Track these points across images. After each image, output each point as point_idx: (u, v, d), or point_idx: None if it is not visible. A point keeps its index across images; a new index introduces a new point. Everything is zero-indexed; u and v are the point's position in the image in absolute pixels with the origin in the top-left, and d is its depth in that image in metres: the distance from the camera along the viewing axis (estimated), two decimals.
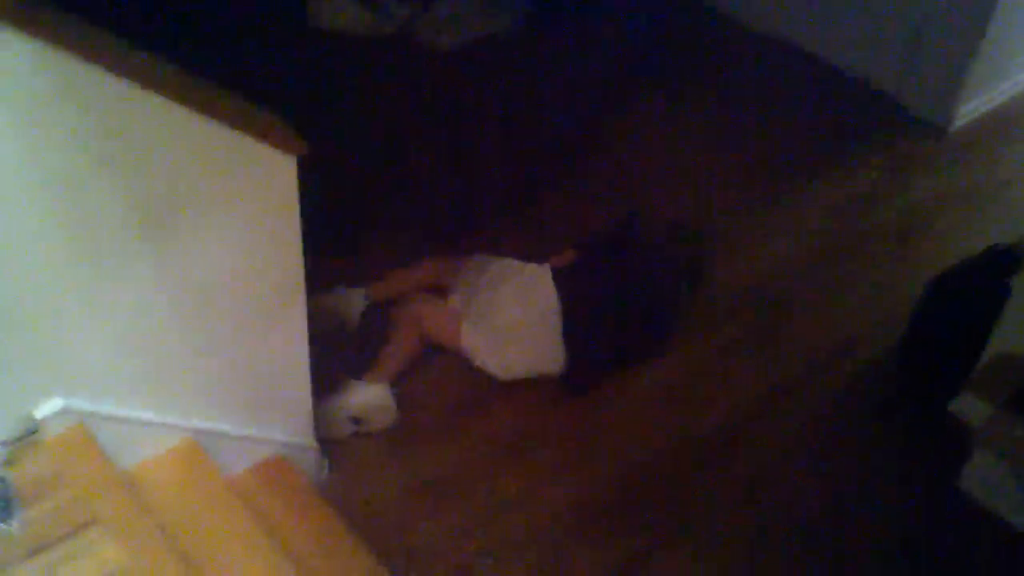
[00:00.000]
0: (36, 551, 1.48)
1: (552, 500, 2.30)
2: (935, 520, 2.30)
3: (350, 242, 2.86)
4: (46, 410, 1.60)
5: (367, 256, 2.84)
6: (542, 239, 2.89)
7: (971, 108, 3.44)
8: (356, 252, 2.85)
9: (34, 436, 1.61)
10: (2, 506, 1.51)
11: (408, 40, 3.76)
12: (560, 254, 2.60)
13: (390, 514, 2.25)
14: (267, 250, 1.75)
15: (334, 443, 2.34)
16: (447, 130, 3.38)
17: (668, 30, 3.91)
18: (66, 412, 1.62)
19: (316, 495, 2.11)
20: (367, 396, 2.36)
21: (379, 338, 2.52)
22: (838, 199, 3.19)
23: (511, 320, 2.46)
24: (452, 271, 2.62)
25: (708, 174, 3.26)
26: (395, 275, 2.66)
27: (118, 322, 1.62)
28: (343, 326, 2.56)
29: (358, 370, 2.44)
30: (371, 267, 2.73)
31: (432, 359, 2.56)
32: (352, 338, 2.56)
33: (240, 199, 1.63)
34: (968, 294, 2.46)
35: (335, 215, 2.78)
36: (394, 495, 2.29)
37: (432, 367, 2.56)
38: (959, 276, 2.54)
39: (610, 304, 2.51)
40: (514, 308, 2.46)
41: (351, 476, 2.32)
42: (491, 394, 2.51)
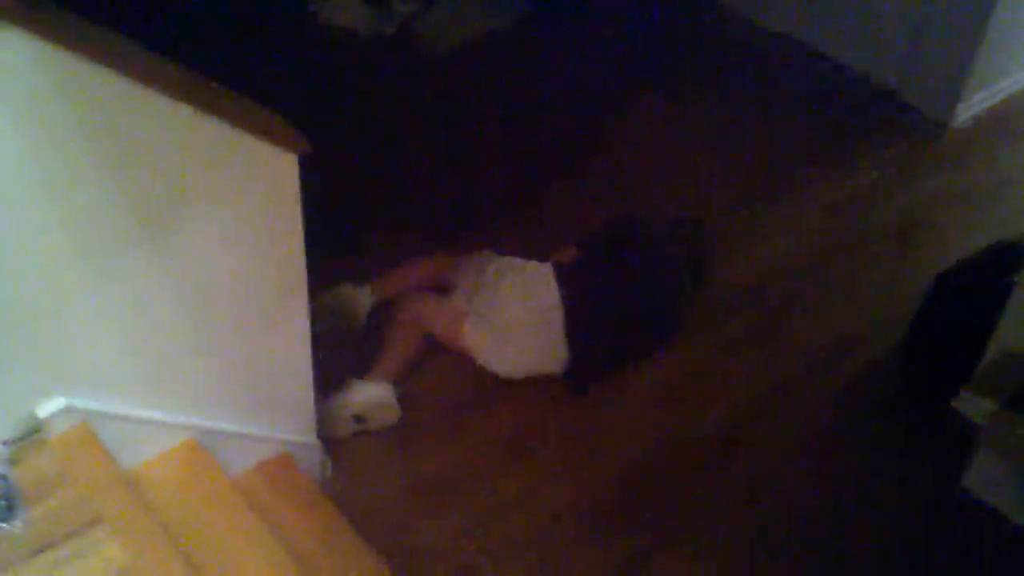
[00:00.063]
0: (39, 550, 1.47)
1: (553, 500, 2.30)
2: (937, 519, 2.29)
3: (350, 241, 2.86)
4: (49, 409, 1.60)
5: (367, 255, 2.83)
6: (542, 238, 2.89)
7: (973, 105, 3.43)
8: (356, 251, 2.84)
9: (37, 435, 1.61)
10: (5, 505, 1.50)
11: (409, 39, 3.76)
12: (562, 250, 2.60)
13: (392, 513, 2.25)
14: (269, 248, 1.75)
15: (336, 442, 2.34)
16: (447, 129, 3.38)
17: (668, 27, 3.91)
18: (69, 411, 1.62)
19: (318, 494, 2.11)
20: (370, 395, 2.36)
21: (381, 337, 2.52)
22: (839, 197, 3.18)
23: (513, 318, 2.46)
24: (454, 269, 2.62)
25: (708, 172, 3.26)
26: (396, 273, 2.67)
27: (121, 320, 1.62)
28: (350, 324, 2.56)
29: (360, 369, 2.44)
30: (371, 266, 2.73)
31: (434, 357, 2.56)
32: (360, 336, 2.56)
33: (242, 197, 1.63)
34: (971, 291, 2.46)
35: (335, 214, 2.78)
36: (396, 494, 2.29)
37: (434, 366, 2.56)
38: (962, 273, 2.53)
39: (613, 302, 2.50)
40: (516, 306, 2.46)
41: (353, 475, 2.32)
42: (493, 393, 2.51)
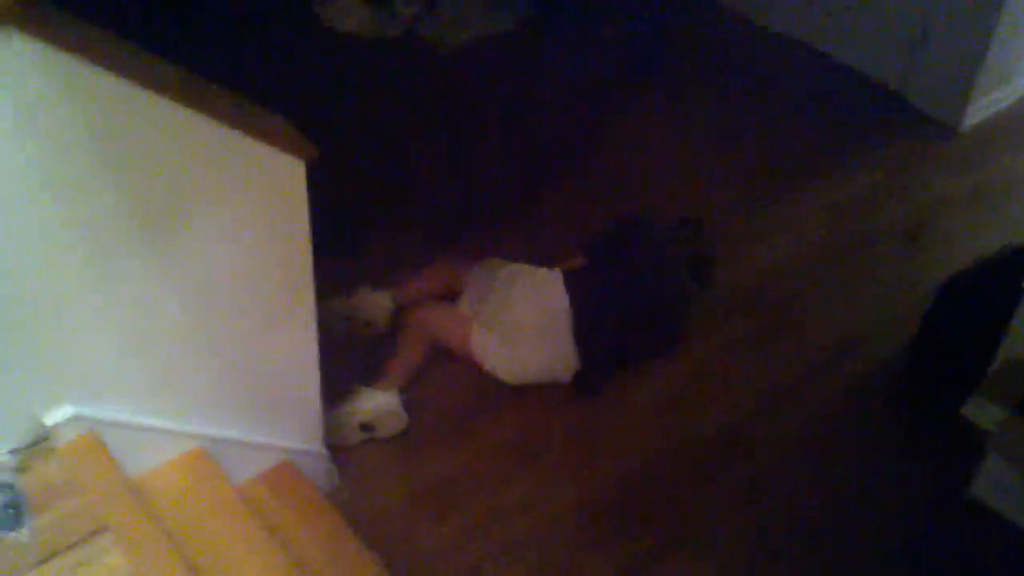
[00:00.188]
0: (45, 558, 1.47)
1: (555, 502, 2.30)
2: (938, 523, 2.28)
3: (352, 242, 2.86)
4: (56, 417, 1.60)
5: (369, 256, 2.84)
6: (544, 239, 2.90)
7: (981, 106, 3.41)
8: (358, 252, 2.84)
9: (44, 443, 1.61)
10: (12, 513, 1.51)
11: (412, 41, 3.76)
12: (569, 260, 2.59)
13: (398, 520, 2.24)
14: (276, 255, 1.75)
15: (343, 450, 2.34)
16: (449, 130, 3.38)
17: (670, 27, 3.89)
18: (76, 419, 1.62)
19: (324, 502, 2.10)
20: (377, 402, 2.35)
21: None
22: (843, 198, 3.16)
23: (522, 324, 2.45)
24: (463, 275, 2.61)
25: (709, 172, 3.24)
26: (412, 281, 2.65)
27: (127, 329, 1.62)
28: (371, 330, 2.55)
29: (367, 376, 2.43)
30: (373, 268, 2.73)
31: (441, 365, 2.55)
32: (380, 341, 2.55)
33: (248, 203, 1.63)
34: (981, 296, 2.44)
35: (337, 215, 2.77)
36: (402, 501, 2.29)
37: (440, 373, 2.55)
38: (972, 277, 2.52)
39: (621, 306, 2.50)
40: (525, 312, 2.45)
41: (360, 483, 2.31)
42: (499, 400, 2.50)
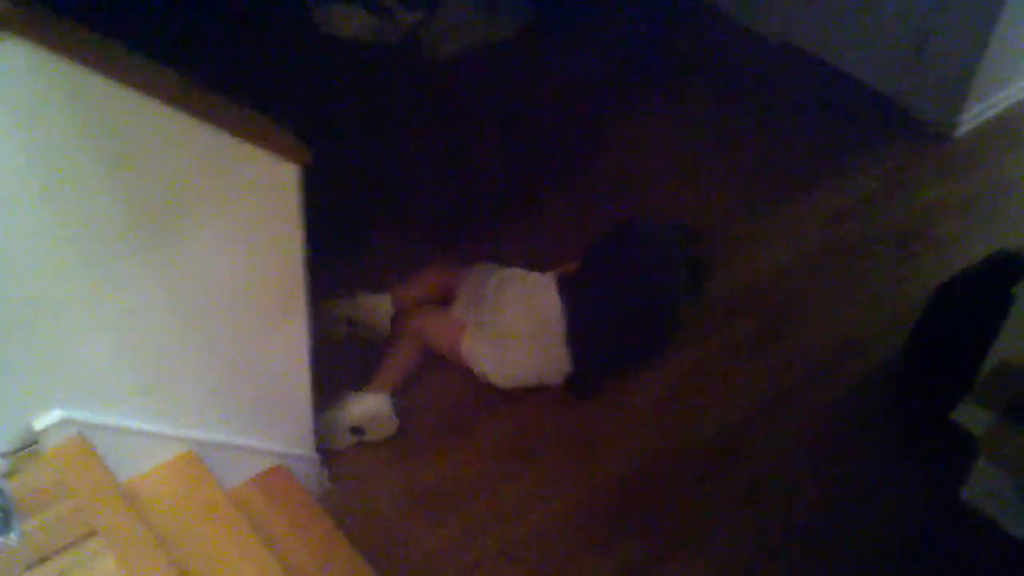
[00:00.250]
0: (35, 563, 1.47)
1: (553, 507, 2.30)
2: (937, 528, 2.29)
3: (350, 246, 2.86)
4: (46, 421, 1.60)
5: (367, 260, 2.83)
6: (544, 241, 2.90)
7: (976, 113, 3.42)
8: (356, 256, 2.84)
9: (33, 447, 1.61)
10: (1, 518, 1.50)
11: (412, 47, 3.76)
12: (565, 266, 2.59)
13: (391, 524, 2.24)
14: (269, 259, 1.75)
15: (335, 454, 2.34)
16: (449, 135, 3.38)
17: (670, 32, 3.90)
18: (66, 423, 1.62)
19: (316, 506, 2.10)
20: (368, 407, 2.36)
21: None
22: (840, 203, 3.17)
23: (514, 328, 2.45)
24: (458, 279, 2.61)
25: (709, 177, 3.25)
26: (408, 284, 2.64)
27: (118, 332, 1.62)
28: (373, 334, 2.54)
29: (358, 380, 2.43)
30: (371, 271, 2.73)
31: (432, 368, 2.55)
32: (378, 343, 2.54)
33: (242, 207, 1.63)
34: (972, 302, 2.45)
35: (336, 219, 2.78)
36: (394, 505, 2.28)
37: (432, 376, 2.55)
38: (963, 284, 2.52)
39: (613, 311, 2.50)
40: (518, 316, 2.45)
41: (351, 487, 2.31)
42: (491, 403, 2.51)
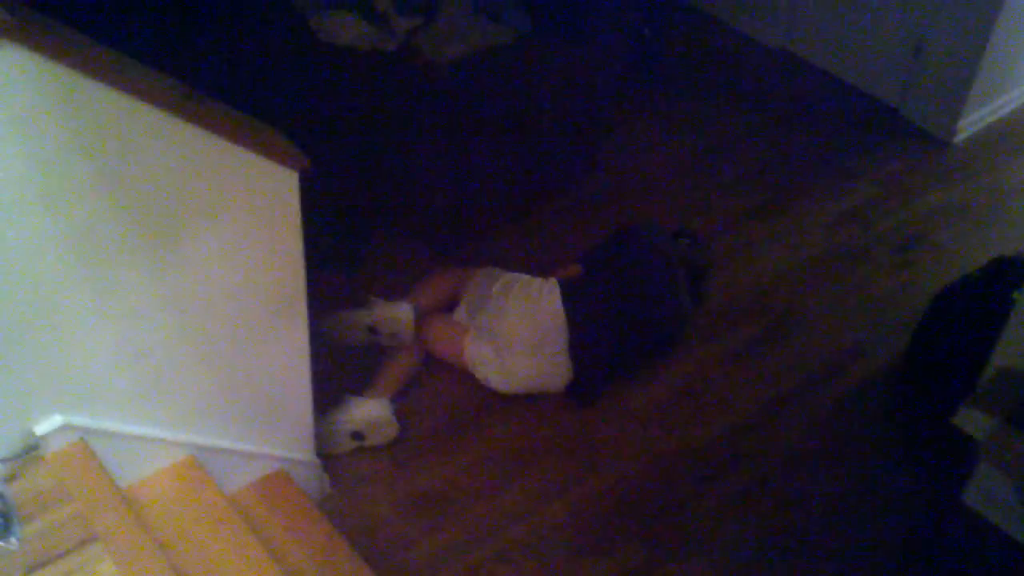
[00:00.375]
0: (35, 568, 1.47)
1: (553, 512, 2.30)
2: (939, 533, 2.29)
3: (352, 253, 2.86)
4: (46, 426, 1.60)
5: (369, 267, 2.84)
6: (544, 247, 2.91)
7: (973, 120, 3.44)
8: (358, 263, 2.85)
9: (34, 452, 1.61)
10: (1, 523, 1.50)
11: (409, 54, 3.77)
12: (565, 266, 2.59)
13: (390, 529, 2.24)
14: (269, 264, 1.75)
15: (335, 458, 2.34)
16: (448, 140, 3.39)
17: (671, 40, 3.92)
18: (66, 428, 1.62)
19: (316, 511, 2.10)
20: (368, 411, 2.35)
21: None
22: (839, 211, 3.18)
23: (517, 335, 2.45)
24: (464, 283, 2.60)
25: (708, 186, 3.26)
26: (417, 292, 2.61)
27: (119, 337, 1.62)
28: (395, 340, 2.52)
29: (359, 385, 2.43)
30: (374, 278, 2.73)
31: (433, 373, 2.56)
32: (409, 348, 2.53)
33: (241, 213, 1.63)
34: (972, 307, 2.45)
35: (337, 227, 2.78)
36: (394, 510, 2.28)
37: (433, 381, 2.55)
38: (963, 289, 2.53)
39: (616, 320, 2.50)
40: (519, 324, 2.45)
41: (351, 491, 2.31)
42: (492, 408, 2.51)
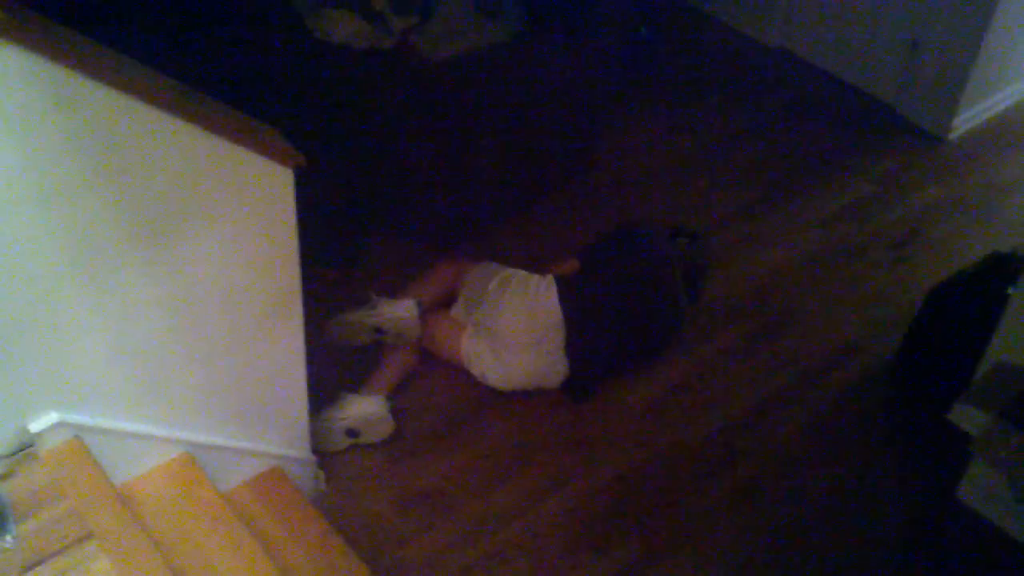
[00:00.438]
0: (30, 566, 1.47)
1: (549, 510, 2.30)
2: (934, 529, 2.30)
3: (350, 252, 2.86)
4: (42, 424, 1.60)
5: (367, 266, 2.84)
6: (542, 245, 2.91)
7: (969, 117, 3.44)
8: (356, 262, 2.84)
9: (29, 450, 1.61)
10: None
11: (406, 52, 3.76)
12: (562, 261, 2.59)
13: (386, 526, 2.24)
14: (264, 262, 1.75)
15: (330, 456, 2.34)
16: (445, 138, 3.38)
17: (668, 38, 3.92)
18: (62, 426, 1.62)
19: (311, 508, 2.10)
20: (364, 408, 2.36)
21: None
22: (836, 207, 3.19)
23: (513, 331, 2.46)
24: (463, 279, 2.59)
25: (705, 183, 3.27)
26: (419, 286, 2.60)
27: (114, 335, 1.62)
28: (402, 337, 2.51)
29: (355, 381, 2.43)
30: (372, 277, 2.73)
31: (429, 370, 2.56)
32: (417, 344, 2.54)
33: (236, 211, 1.63)
34: (967, 303, 2.46)
35: (334, 225, 2.78)
36: (390, 507, 2.29)
37: (429, 378, 2.56)
38: (958, 285, 2.53)
39: (613, 318, 2.50)
40: (516, 321, 2.45)
41: (347, 489, 2.31)
42: (488, 405, 2.51)
